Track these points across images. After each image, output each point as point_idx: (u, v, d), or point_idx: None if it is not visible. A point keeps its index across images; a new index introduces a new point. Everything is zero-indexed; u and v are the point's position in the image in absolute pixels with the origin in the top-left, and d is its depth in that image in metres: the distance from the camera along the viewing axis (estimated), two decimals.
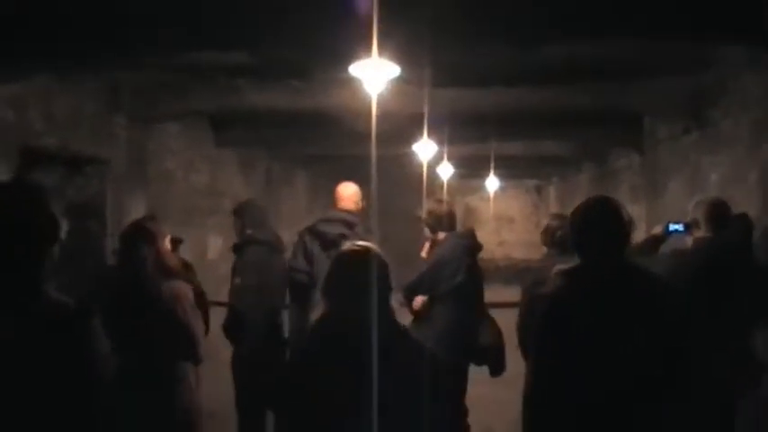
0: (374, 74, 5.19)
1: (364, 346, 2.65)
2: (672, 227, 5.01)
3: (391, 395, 2.63)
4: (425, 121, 9.35)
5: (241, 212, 6.17)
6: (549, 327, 3.29)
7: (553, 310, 3.32)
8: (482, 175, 17.79)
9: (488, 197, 21.54)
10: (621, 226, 3.36)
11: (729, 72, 6.98)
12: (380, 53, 5.07)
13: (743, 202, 6.61)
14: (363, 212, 6.17)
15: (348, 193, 6.08)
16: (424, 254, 5.93)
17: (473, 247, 5.82)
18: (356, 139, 11.75)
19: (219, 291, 6.45)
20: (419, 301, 5.64)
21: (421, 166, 12.17)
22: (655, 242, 5.07)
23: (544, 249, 5.57)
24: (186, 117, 9.34)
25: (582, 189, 16.15)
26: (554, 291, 3.43)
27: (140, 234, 4.31)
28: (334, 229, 5.76)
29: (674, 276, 4.18)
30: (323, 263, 5.46)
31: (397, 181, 13.80)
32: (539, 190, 23.91)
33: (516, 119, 9.81)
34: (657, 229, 5.10)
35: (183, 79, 7.85)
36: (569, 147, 13.32)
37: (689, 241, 4.91)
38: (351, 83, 6.64)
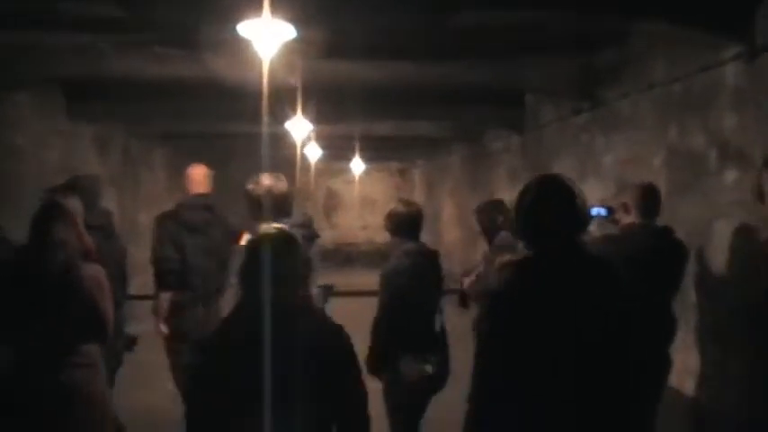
0: (267, 35, 4.51)
1: (278, 333, 2.65)
2: (595, 210, 4.90)
3: (306, 384, 2.63)
4: (299, 96, 8.72)
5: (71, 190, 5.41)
6: (497, 326, 2.79)
7: (500, 306, 2.81)
8: (347, 156, 17.37)
9: (353, 180, 21.17)
10: (579, 208, 2.87)
11: (631, 50, 6.69)
12: (273, 13, 4.48)
13: None
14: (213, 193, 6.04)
15: (201, 175, 5.98)
16: None
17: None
18: (222, 116, 11.09)
19: None
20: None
21: (293, 146, 11.58)
22: None
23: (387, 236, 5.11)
24: (37, 84, 8.33)
25: (452, 171, 15.89)
26: (502, 285, 2.92)
27: (59, 214, 4.09)
28: (197, 216, 5.74)
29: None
30: (193, 248, 5.61)
31: (270, 162, 13.11)
32: (402, 173, 23.65)
33: (387, 96, 9.31)
34: None
35: (33, 39, 6.87)
36: (439, 127, 12.92)
37: (611, 226, 4.90)
38: (225, 49, 6.00)
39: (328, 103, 9.43)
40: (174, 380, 5.69)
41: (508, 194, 10.99)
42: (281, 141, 11.72)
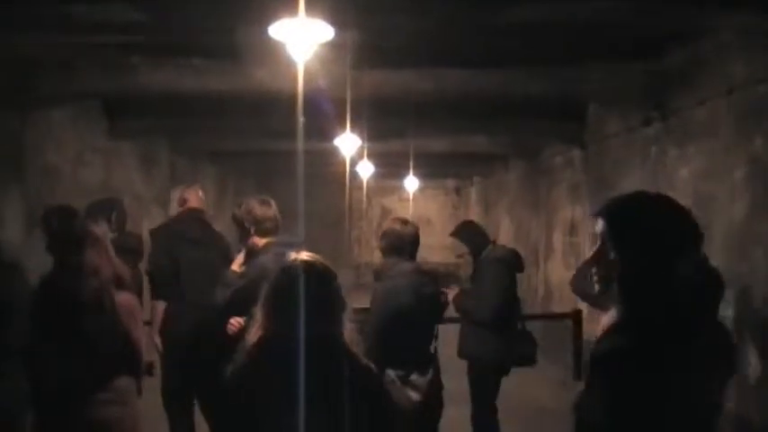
0: (301, 35, 4.04)
1: (312, 370, 2.47)
2: None
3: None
4: (348, 110, 8.23)
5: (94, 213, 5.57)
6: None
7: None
8: (400, 174, 16.89)
9: (407, 198, 20.65)
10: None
11: (704, 51, 6.08)
12: (308, 12, 4.01)
13: (726, 201, 5.75)
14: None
15: (196, 194, 5.96)
16: None
17: None
18: (266, 132, 10.67)
19: None
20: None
21: (342, 163, 11.11)
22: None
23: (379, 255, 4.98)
24: (73, 102, 7.99)
25: (509, 188, 15.28)
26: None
27: (89, 239, 3.91)
28: (192, 229, 5.74)
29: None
30: (187, 261, 5.57)
31: (318, 180, 12.79)
32: (457, 191, 23.08)
33: (437, 109, 8.80)
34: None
35: (67, 54, 6.53)
36: (495, 143, 12.32)
37: None
38: (264, 58, 5.57)
39: (377, 118, 8.96)
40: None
41: (570, 211, 10.42)
42: (330, 158, 11.27)
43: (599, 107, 8.80)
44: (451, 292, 5.94)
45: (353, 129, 9.09)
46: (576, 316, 7.35)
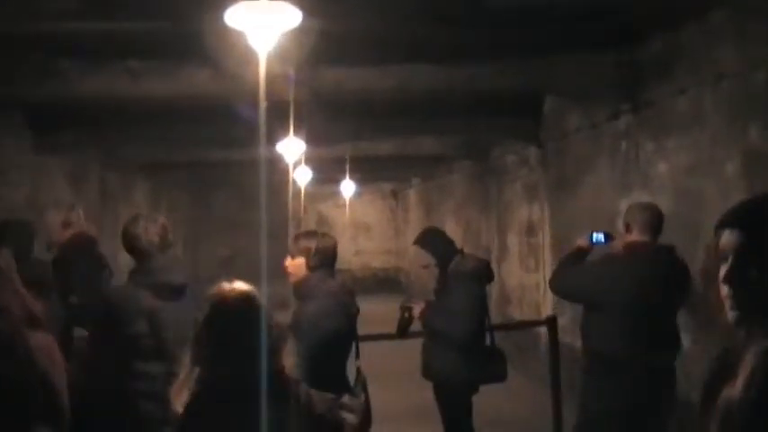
0: (265, 19, 3.45)
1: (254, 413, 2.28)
2: (595, 237, 5.05)
3: None
4: (291, 112, 7.62)
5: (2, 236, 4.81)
6: None
7: None
8: (337, 179, 16.40)
9: (344, 204, 20.15)
10: None
11: (686, 38, 5.67)
12: None
13: (717, 197, 5.33)
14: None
15: (78, 216, 5.61)
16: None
17: None
18: (205, 142, 10.02)
19: None
20: None
21: (284, 172, 10.53)
22: (582, 255, 5.08)
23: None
24: None
25: (455, 190, 14.85)
26: None
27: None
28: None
29: (610, 285, 4.57)
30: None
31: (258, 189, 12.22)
32: (395, 194, 22.64)
33: (385, 110, 8.25)
34: (583, 241, 5.11)
35: None
36: (439, 144, 11.84)
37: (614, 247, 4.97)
38: (207, 57, 4.98)
39: (318, 121, 8.41)
40: None
41: (527, 211, 9.99)
42: (272, 167, 10.67)
43: (557, 102, 8.37)
44: (417, 307, 5.49)
45: (295, 132, 8.54)
46: (551, 323, 6.88)
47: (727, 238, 1.74)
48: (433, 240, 5.73)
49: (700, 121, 5.57)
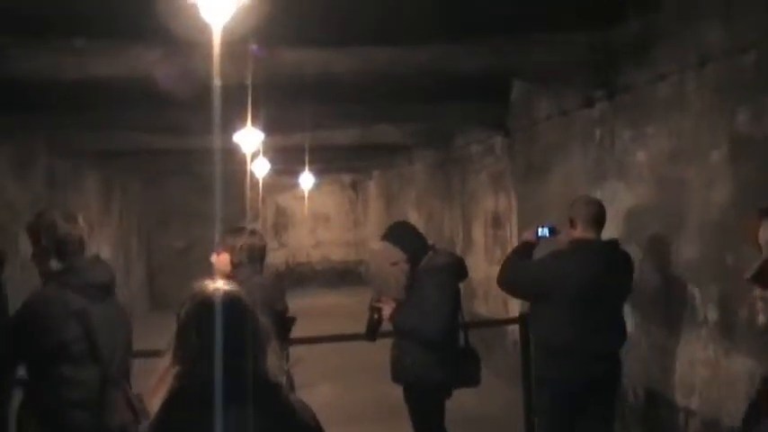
0: None
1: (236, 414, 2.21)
2: (541, 231, 5.20)
3: None
4: (249, 101, 7.22)
5: None
6: None
7: None
8: (296, 171, 16.03)
9: (302, 195, 19.78)
10: None
11: (665, 18, 5.38)
12: None
13: (701, 186, 5.07)
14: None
15: None
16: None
17: None
18: (159, 128, 9.56)
19: None
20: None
21: (242, 162, 10.14)
22: (528, 249, 5.22)
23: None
24: None
25: (416, 180, 14.54)
26: None
27: None
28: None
29: (559, 277, 4.77)
30: None
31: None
32: (354, 186, 22.31)
33: (343, 97, 7.89)
34: (529, 235, 5.27)
35: None
36: (399, 132, 11.44)
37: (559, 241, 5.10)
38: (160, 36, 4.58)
39: (276, 109, 8.04)
40: None
41: (493, 202, 9.70)
42: (229, 157, 10.26)
43: (525, 87, 8.05)
44: (387, 307, 5.18)
45: (253, 122, 8.16)
46: (524, 320, 6.59)
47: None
48: (403, 235, 5.38)
49: (682, 106, 5.28)
